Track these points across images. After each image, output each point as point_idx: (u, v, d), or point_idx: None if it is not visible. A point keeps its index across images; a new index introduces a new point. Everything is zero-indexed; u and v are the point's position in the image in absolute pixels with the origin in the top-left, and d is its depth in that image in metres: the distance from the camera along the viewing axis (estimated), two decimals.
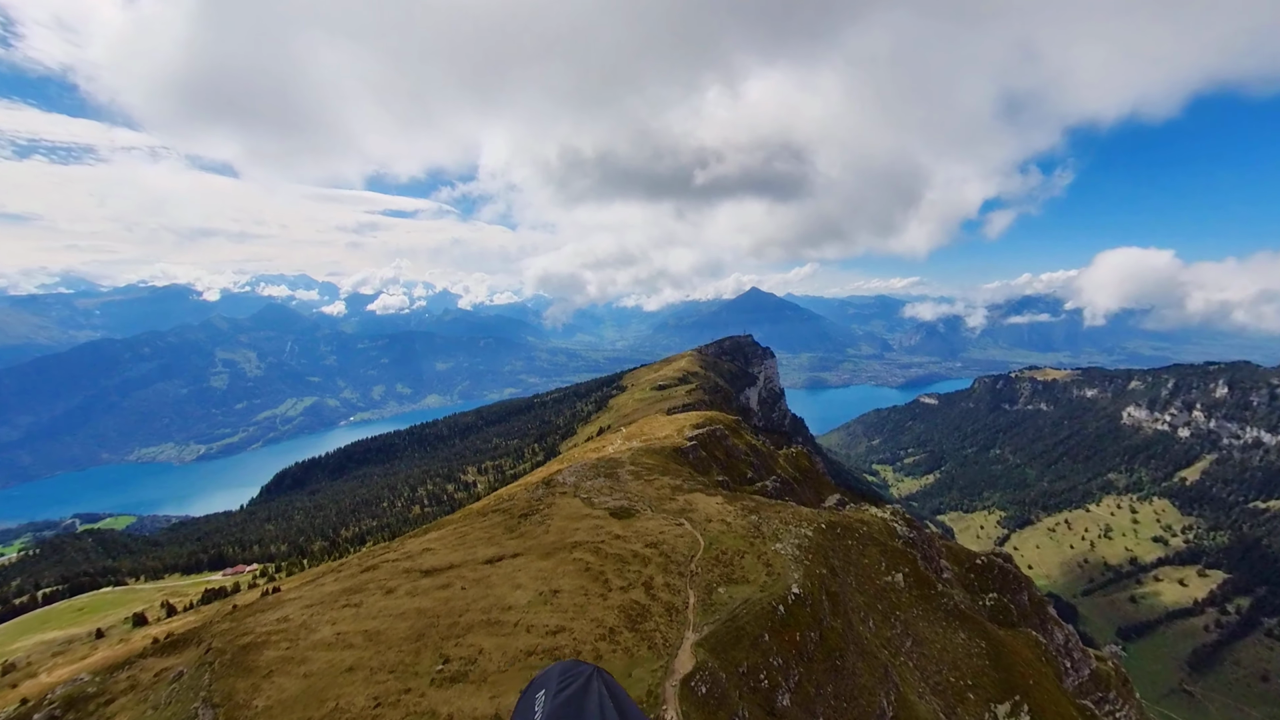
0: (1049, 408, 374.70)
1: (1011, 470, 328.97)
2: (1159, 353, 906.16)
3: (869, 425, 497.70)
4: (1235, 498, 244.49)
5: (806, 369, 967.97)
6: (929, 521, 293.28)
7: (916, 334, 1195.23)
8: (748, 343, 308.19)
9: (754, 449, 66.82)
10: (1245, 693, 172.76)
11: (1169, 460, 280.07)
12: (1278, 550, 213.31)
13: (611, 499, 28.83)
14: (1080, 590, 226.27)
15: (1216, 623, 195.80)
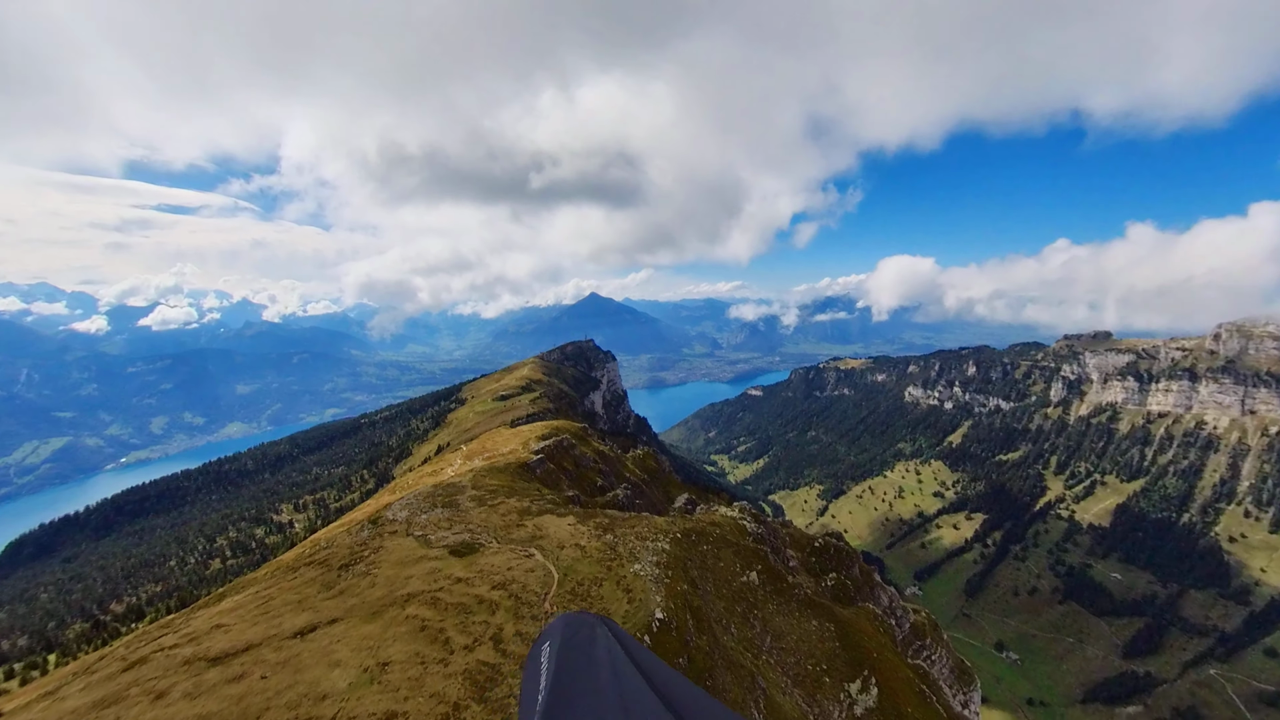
0: (851, 392, 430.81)
1: (826, 449, 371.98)
2: (927, 341, 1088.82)
3: (705, 419, 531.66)
4: (986, 453, 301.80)
5: (646, 370, 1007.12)
6: (763, 502, 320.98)
7: (741, 333, 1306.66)
8: (590, 347, 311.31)
9: (602, 455, 66.06)
10: (1005, 607, 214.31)
11: (940, 428, 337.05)
12: (1016, 491, 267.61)
13: (451, 533, 25.78)
14: (885, 545, 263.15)
15: (981, 555, 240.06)
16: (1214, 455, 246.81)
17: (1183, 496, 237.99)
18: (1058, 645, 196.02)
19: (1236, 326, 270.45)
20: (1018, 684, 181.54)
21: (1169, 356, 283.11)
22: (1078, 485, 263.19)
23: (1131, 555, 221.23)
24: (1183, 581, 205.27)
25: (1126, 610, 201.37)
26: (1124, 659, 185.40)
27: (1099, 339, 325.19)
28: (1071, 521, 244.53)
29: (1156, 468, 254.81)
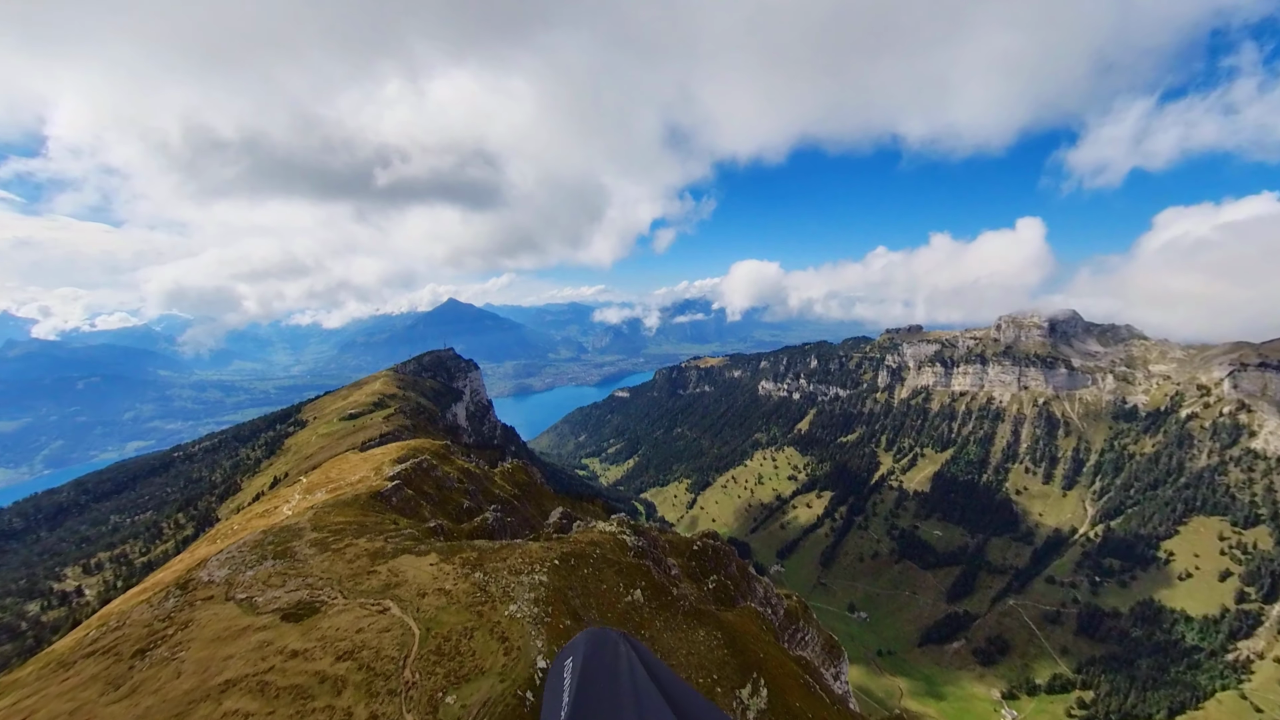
0: (711, 389, 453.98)
1: (691, 444, 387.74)
2: (775, 339, 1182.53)
3: (574, 423, 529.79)
4: (829, 437, 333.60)
5: (512, 377, 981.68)
6: (635, 501, 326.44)
7: (606, 336, 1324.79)
8: (450, 356, 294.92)
9: (468, 474, 61.55)
10: (853, 571, 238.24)
11: (790, 417, 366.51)
12: (855, 468, 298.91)
13: (285, 591, 21.38)
14: (750, 529, 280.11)
15: (831, 529, 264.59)
16: (1001, 425, 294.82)
17: (981, 461, 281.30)
18: (897, 599, 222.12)
19: (1012, 319, 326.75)
20: (868, 638, 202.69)
21: (965, 345, 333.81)
22: (904, 459, 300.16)
23: (948, 514, 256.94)
24: (986, 532, 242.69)
25: (947, 561, 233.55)
26: (948, 603, 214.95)
27: (913, 332, 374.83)
28: (901, 490, 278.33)
29: (961, 438, 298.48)
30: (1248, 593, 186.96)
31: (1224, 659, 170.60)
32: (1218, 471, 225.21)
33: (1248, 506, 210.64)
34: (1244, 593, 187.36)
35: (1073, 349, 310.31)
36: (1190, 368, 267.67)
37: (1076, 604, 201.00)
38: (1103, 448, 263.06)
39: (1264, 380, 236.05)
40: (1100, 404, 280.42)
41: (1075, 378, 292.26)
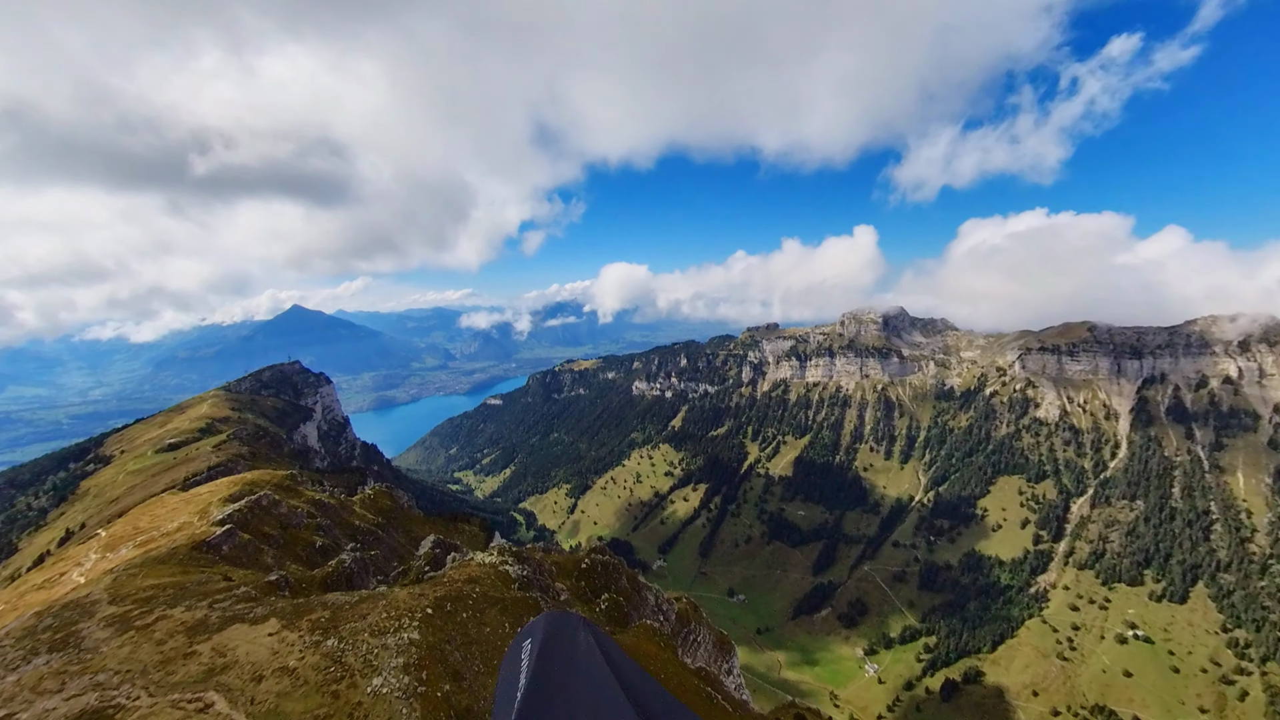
0: (586, 391, 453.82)
1: (569, 448, 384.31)
2: (646, 339, 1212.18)
3: (444, 435, 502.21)
4: (701, 432, 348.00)
5: (372, 389, 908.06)
6: (514, 512, 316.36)
7: (475, 341, 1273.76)
8: (296, 370, 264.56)
9: (321, 506, 54.46)
10: (730, 557, 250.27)
11: (664, 415, 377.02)
12: (726, 460, 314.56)
13: (64, 699, 15.57)
14: (631, 529, 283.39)
15: (708, 519, 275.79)
16: (849, 410, 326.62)
17: (834, 444, 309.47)
18: (770, 579, 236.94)
19: (853, 315, 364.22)
20: (748, 619, 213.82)
21: (816, 340, 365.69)
22: (768, 447, 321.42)
23: (809, 494, 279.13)
24: (842, 507, 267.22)
25: (811, 538, 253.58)
26: (814, 576, 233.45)
27: (771, 329, 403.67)
28: (768, 477, 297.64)
29: (816, 424, 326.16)
30: (1041, 535, 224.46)
31: (1028, 593, 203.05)
32: (1014, 438, 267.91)
33: (1037, 465, 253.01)
34: (1039, 535, 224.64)
35: (902, 341, 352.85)
36: (990, 353, 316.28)
37: (918, 562, 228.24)
38: (929, 424, 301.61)
39: (1043, 361, 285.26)
40: (925, 387, 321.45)
41: (905, 366, 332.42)
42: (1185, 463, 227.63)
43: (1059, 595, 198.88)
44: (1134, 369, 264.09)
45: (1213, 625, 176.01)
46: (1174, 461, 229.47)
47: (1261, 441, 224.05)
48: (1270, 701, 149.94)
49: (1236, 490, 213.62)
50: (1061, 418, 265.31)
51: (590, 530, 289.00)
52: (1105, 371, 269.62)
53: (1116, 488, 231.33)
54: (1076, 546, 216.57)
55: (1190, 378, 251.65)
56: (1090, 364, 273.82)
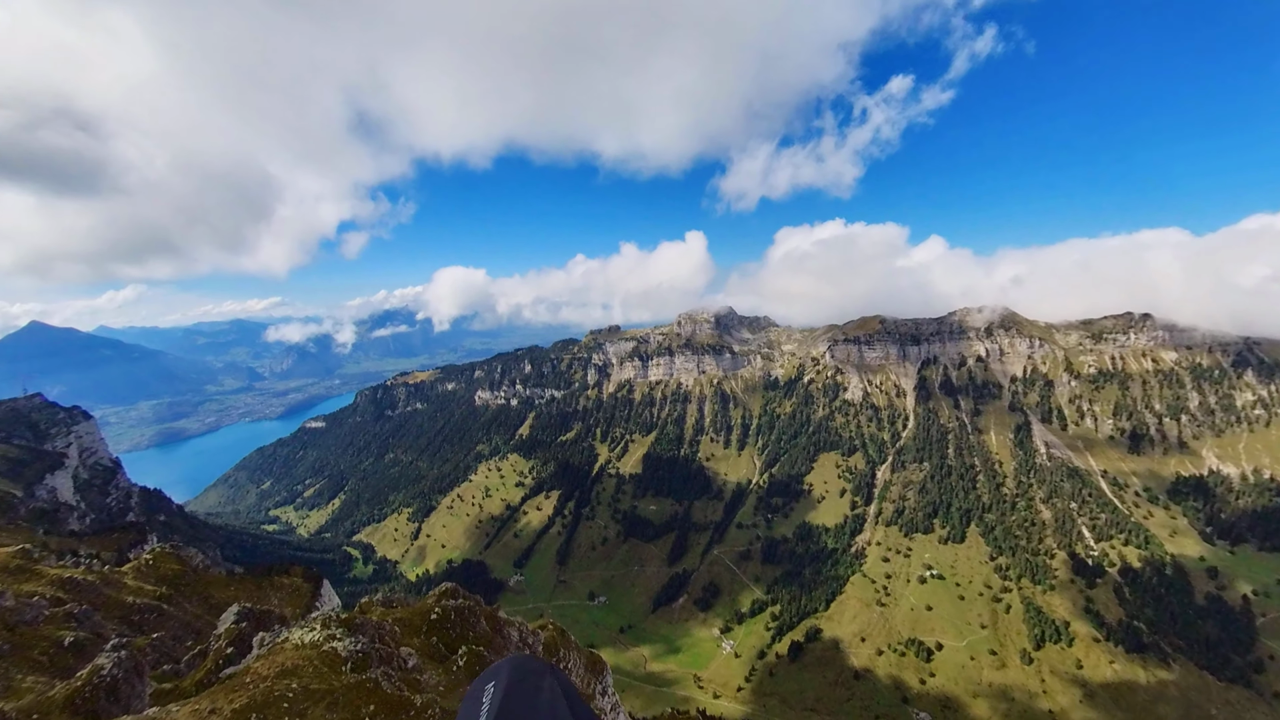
0: (423, 405, 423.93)
1: (408, 468, 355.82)
2: (486, 346, 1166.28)
3: (255, 468, 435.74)
4: (550, 438, 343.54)
5: (153, 421, 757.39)
6: (348, 546, 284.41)
7: (288, 358, 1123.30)
8: (38, 406, 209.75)
9: (74, 585, 43.23)
10: (588, 561, 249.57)
11: (510, 424, 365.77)
12: (577, 463, 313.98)
13: None
14: (484, 546, 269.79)
15: (563, 526, 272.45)
16: (689, 405, 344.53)
17: (678, 438, 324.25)
18: (629, 576, 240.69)
19: (688, 316, 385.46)
20: (610, 619, 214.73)
21: (656, 340, 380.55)
22: (618, 447, 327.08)
23: (659, 489, 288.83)
24: (690, 497, 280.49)
25: (664, 531, 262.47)
26: (669, 566, 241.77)
27: (613, 332, 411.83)
28: (619, 476, 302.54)
29: (661, 421, 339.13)
30: (856, 501, 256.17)
31: (850, 552, 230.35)
32: (829, 419, 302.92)
33: (849, 441, 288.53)
34: (854, 502, 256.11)
35: (733, 338, 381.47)
36: (806, 346, 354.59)
37: (759, 540, 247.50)
38: (760, 413, 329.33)
39: (848, 351, 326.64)
40: (755, 379, 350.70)
41: (737, 361, 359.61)
42: (955, 428, 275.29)
43: (874, 551, 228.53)
44: (915, 354, 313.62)
45: (984, 557, 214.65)
46: (947, 428, 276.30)
47: (1005, 406, 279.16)
48: (1026, 610, 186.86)
49: (991, 446, 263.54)
50: (865, 398, 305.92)
51: (438, 555, 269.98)
52: (894, 357, 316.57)
53: (909, 453, 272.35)
54: (883, 507, 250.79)
55: (954, 359, 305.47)
56: (883, 351, 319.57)
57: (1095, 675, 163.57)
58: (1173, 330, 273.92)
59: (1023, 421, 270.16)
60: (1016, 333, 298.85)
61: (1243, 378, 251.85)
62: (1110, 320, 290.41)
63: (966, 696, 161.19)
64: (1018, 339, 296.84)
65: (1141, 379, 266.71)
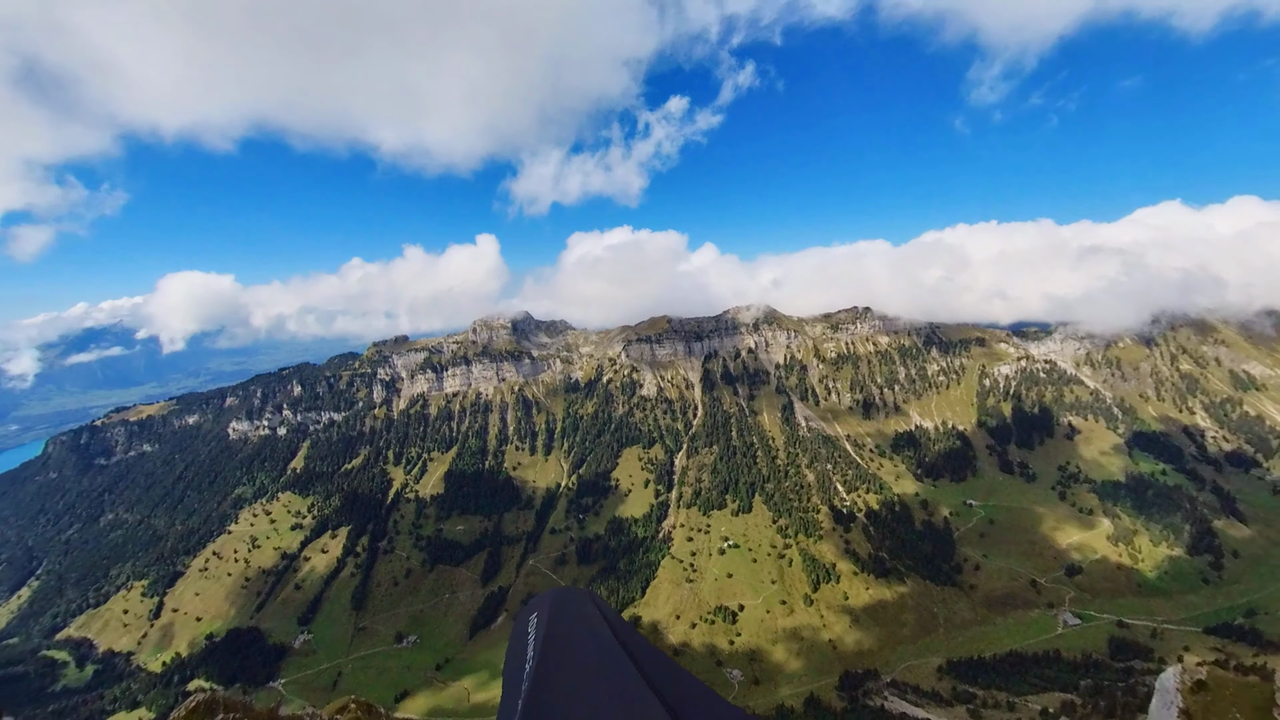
0: (155, 447, 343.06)
1: (136, 530, 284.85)
2: (240, 367, 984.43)
3: None
4: (332, 468, 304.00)
5: None
6: (49, 650, 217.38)
7: None
8: None
9: None
10: (392, 599, 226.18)
11: (279, 458, 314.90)
12: (368, 492, 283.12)
13: None
14: (256, 607, 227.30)
15: (356, 565, 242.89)
16: (491, 415, 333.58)
17: (481, 450, 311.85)
18: (440, 606, 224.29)
19: (484, 322, 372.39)
20: (423, 659, 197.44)
21: (450, 350, 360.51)
22: (415, 468, 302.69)
23: (465, 507, 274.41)
24: (499, 510, 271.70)
25: (474, 550, 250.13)
26: (484, 587, 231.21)
27: (400, 343, 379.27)
28: (419, 500, 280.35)
29: (461, 435, 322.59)
30: (659, 490, 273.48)
31: (658, 538, 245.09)
32: (629, 415, 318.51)
33: (648, 434, 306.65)
34: (658, 490, 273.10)
35: (531, 343, 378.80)
36: (603, 347, 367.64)
37: (573, 542, 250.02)
38: (563, 416, 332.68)
39: (641, 350, 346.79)
40: (556, 383, 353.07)
41: (537, 365, 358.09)
42: (736, 413, 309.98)
43: (679, 533, 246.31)
44: (699, 349, 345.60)
45: (768, 521, 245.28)
46: (730, 413, 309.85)
47: (773, 390, 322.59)
48: (803, 560, 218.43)
49: (765, 425, 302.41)
50: (659, 393, 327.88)
51: (192, 631, 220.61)
52: (682, 353, 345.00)
53: (700, 440, 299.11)
54: (683, 491, 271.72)
55: (731, 351, 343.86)
56: (672, 348, 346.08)
57: (857, 602, 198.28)
58: (885, 319, 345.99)
59: (787, 402, 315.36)
60: (777, 327, 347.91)
61: (930, 353, 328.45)
62: (843, 313, 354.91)
63: (767, 645, 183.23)
64: (778, 332, 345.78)
65: (867, 359, 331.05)
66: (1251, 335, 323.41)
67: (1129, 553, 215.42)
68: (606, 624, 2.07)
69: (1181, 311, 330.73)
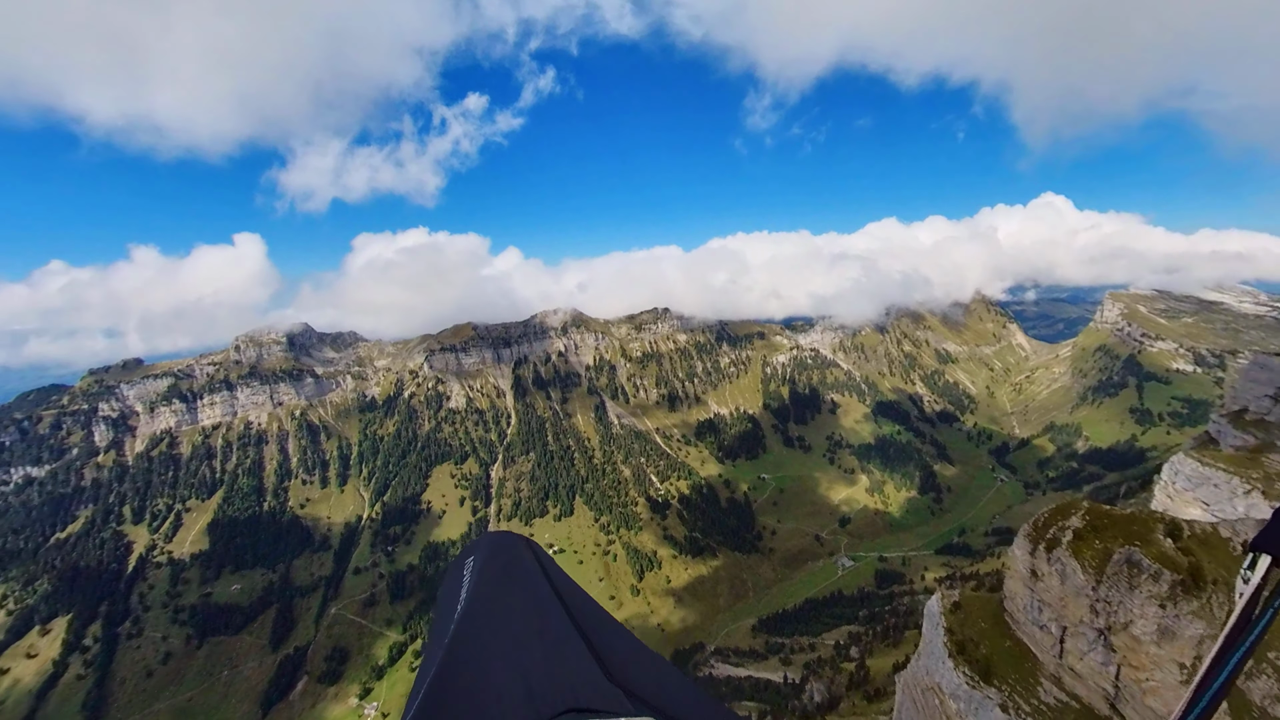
0: None
1: None
2: None
3: None
4: (36, 540, 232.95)
5: None
6: None
7: None
8: None
9: None
10: (147, 697, 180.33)
11: None
12: (96, 564, 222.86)
13: None
14: None
15: (85, 662, 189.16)
16: (267, 446, 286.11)
17: (257, 489, 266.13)
18: (218, 688, 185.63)
19: (250, 338, 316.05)
20: None
21: (205, 373, 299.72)
22: (163, 524, 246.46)
23: (240, 561, 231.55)
24: (287, 557, 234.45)
25: (258, 609, 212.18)
26: (275, 652, 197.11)
27: (132, 368, 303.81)
28: (174, 562, 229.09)
29: (229, 475, 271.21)
30: (477, 506, 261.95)
31: None
32: (437, 430, 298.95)
33: (459, 449, 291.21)
34: (475, 507, 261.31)
35: (313, 359, 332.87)
36: (402, 359, 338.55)
37: (384, 578, 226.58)
38: (359, 439, 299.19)
39: (446, 360, 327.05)
40: (348, 402, 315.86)
41: (322, 385, 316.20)
42: (550, 417, 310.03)
43: None
44: (508, 355, 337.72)
45: (590, 521, 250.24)
46: (545, 418, 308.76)
47: (585, 391, 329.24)
48: (626, 553, 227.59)
49: (580, 427, 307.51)
50: (469, 404, 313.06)
51: None
52: (490, 361, 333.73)
53: (516, 448, 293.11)
54: (502, 504, 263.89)
55: (541, 356, 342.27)
56: (479, 356, 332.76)
57: (679, 582, 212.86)
58: (682, 319, 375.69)
59: (599, 402, 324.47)
60: (585, 329, 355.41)
61: (722, 348, 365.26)
62: (645, 314, 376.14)
63: None
64: (587, 334, 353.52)
65: (669, 356, 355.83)
66: (947, 321, 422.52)
67: (881, 499, 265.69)
68: (541, 568, 2.21)
69: (903, 305, 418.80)
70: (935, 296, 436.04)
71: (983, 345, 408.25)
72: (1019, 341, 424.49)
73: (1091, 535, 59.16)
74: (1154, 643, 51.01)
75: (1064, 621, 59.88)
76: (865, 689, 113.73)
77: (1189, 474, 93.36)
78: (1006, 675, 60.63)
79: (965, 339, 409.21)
